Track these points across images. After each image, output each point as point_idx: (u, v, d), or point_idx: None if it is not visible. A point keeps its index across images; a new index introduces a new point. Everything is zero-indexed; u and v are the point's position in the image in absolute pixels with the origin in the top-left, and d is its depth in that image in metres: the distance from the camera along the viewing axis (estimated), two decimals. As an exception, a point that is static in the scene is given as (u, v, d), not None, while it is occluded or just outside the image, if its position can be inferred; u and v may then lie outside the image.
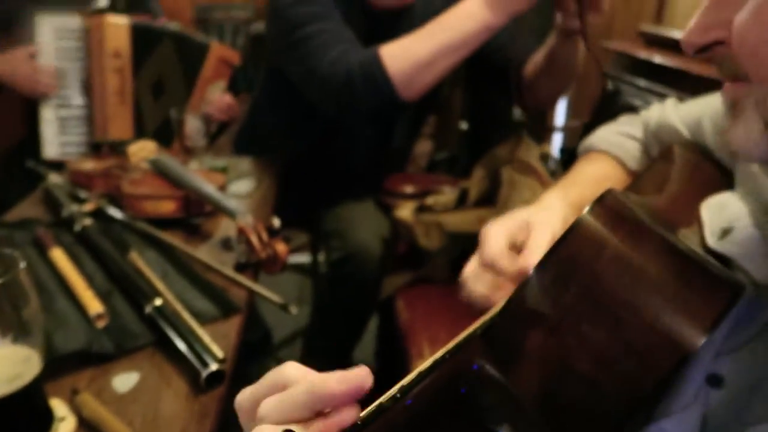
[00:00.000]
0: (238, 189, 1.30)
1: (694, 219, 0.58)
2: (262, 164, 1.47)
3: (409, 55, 1.11)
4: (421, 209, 1.46)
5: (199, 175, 1.14)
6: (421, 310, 1.35)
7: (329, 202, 1.52)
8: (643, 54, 1.57)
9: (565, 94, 2.00)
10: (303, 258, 2.28)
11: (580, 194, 0.77)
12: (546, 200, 0.76)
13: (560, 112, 2.43)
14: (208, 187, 1.08)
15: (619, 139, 0.85)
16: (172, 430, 0.64)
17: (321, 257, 1.80)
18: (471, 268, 0.70)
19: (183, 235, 1.06)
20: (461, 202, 1.50)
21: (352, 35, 1.22)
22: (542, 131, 1.99)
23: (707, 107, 0.73)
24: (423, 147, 1.98)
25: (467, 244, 0.81)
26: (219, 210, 1.04)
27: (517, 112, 1.62)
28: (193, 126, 1.35)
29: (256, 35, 2.27)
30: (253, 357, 1.79)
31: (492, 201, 1.48)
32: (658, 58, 1.48)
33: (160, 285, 0.86)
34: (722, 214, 0.56)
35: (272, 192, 1.34)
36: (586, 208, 0.42)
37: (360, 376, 0.34)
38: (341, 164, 1.53)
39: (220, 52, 1.53)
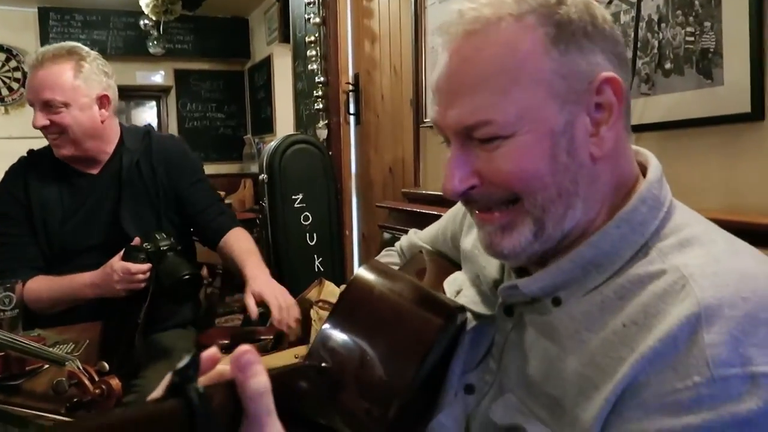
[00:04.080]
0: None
1: (441, 289, 0.86)
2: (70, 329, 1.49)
3: (35, 297, 1.53)
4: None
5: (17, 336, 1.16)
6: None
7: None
8: (407, 207, 1.99)
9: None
10: None
11: None
12: None
13: (355, 269, 2.77)
14: (29, 343, 1.11)
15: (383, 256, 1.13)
16: None
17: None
18: None
19: (3, 396, 1.06)
20: (277, 343, 1.65)
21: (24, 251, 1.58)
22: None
23: (440, 228, 1.02)
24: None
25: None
26: (46, 361, 1.08)
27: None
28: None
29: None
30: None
31: (306, 340, 1.66)
32: (417, 209, 1.89)
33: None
34: (455, 283, 0.83)
35: (93, 345, 1.36)
36: (359, 269, 0.67)
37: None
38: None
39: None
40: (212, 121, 6.12)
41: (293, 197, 1.87)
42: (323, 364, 0.58)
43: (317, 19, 2.94)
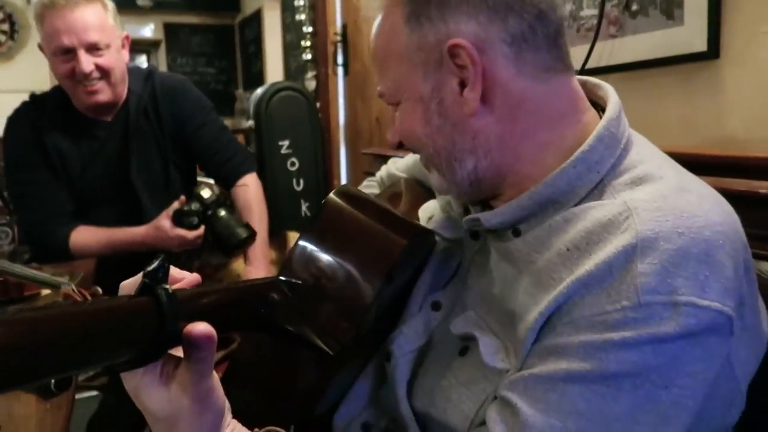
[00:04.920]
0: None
1: (415, 216, 0.92)
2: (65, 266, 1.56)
3: (83, 250, 1.55)
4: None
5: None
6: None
7: None
8: (390, 153, 2.05)
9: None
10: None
11: None
12: None
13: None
14: (26, 269, 1.18)
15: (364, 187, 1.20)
16: (31, 422, 0.75)
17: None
18: None
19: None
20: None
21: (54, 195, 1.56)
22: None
23: (416, 161, 1.09)
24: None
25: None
26: (42, 285, 1.15)
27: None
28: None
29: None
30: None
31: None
32: (401, 154, 1.95)
33: None
34: (428, 210, 0.89)
35: (88, 277, 1.43)
36: (332, 193, 0.73)
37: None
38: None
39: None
40: (203, 76, 6.10)
41: (279, 143, 1.92)
42: (293, 280, 0.63)
43: (305, -31, 2.94)
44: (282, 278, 0.62)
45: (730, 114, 1.03)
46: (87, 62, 1.42)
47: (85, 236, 1.53)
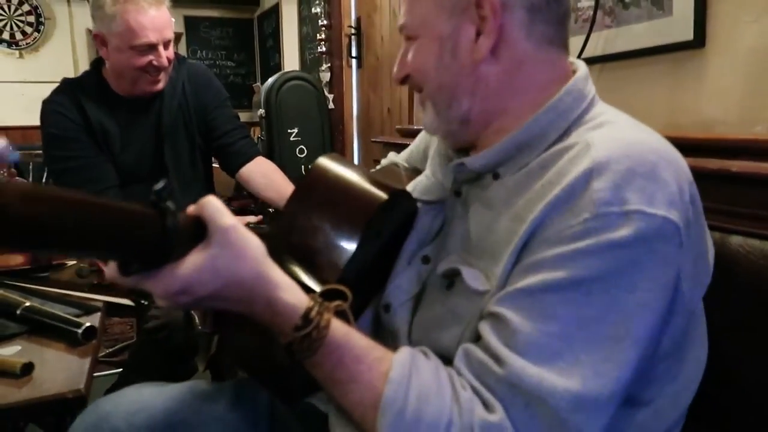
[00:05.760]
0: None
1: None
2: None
3: None
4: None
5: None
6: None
7: None
8: (399, 141, 2.12)
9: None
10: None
11: None
12: None
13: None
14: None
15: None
16: (61, 364, 0.84)
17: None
18: None
19: (35, 283, 1.23)
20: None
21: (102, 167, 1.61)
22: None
23: (415, 145, 1.16)
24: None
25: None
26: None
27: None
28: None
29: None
30: None
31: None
32: (409, 142, 2.01)
33: (26, 301, 1.04)
34: (415, 181, 0.97)
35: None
36: (320, 157, 0.81)
37: None
38: None
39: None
40: (222, 69, 6.21)
41: (289, 131, 1.99)
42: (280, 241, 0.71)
43: (321, -37, 3.01)
44: (271, 231, 0.71)
45: (712, 100, 1.08)
46: (165, 56, 1.59)
47: None
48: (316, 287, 0.69)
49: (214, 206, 0.59)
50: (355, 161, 2.94)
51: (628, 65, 1.27)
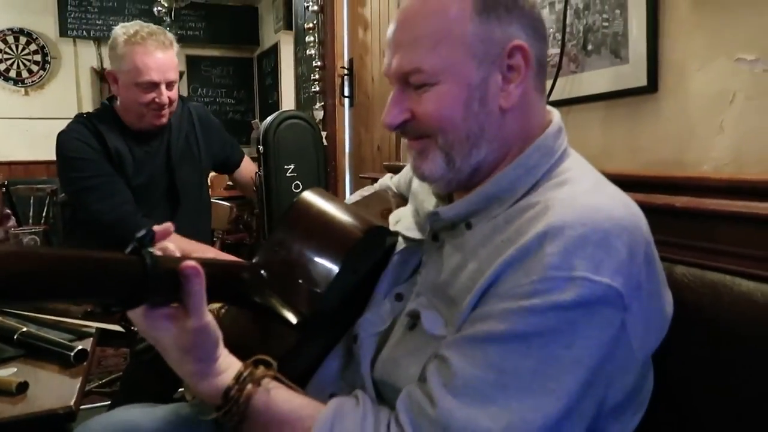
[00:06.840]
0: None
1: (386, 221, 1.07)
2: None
3: None
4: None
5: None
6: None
7: None
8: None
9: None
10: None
11: None
12: None
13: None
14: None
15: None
16: (53, 384, 0.90)
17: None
18: None
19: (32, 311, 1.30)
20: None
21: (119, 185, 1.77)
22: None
23: (402, 175, 1.24)
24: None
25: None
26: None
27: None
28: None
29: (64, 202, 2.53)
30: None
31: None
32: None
33: (23, 327, 1.11)
34: (397, 216, 1.04)
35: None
36: (303, 192, 0.88)
37: None
38: None
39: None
40: (222, 106, 6.37)
41: (285, 167, 2.09)
42: (263, 272, 0.76)
43: (315, 7, 3.16)
44: (254, 261, 0.78)
45: (666, 141, 1.17)
46: (166, 95, 1.76)
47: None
48: (293, 319, 0.74)
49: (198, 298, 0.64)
50: (347, 196, 3.03)
51: (591, 108, 1.36)
